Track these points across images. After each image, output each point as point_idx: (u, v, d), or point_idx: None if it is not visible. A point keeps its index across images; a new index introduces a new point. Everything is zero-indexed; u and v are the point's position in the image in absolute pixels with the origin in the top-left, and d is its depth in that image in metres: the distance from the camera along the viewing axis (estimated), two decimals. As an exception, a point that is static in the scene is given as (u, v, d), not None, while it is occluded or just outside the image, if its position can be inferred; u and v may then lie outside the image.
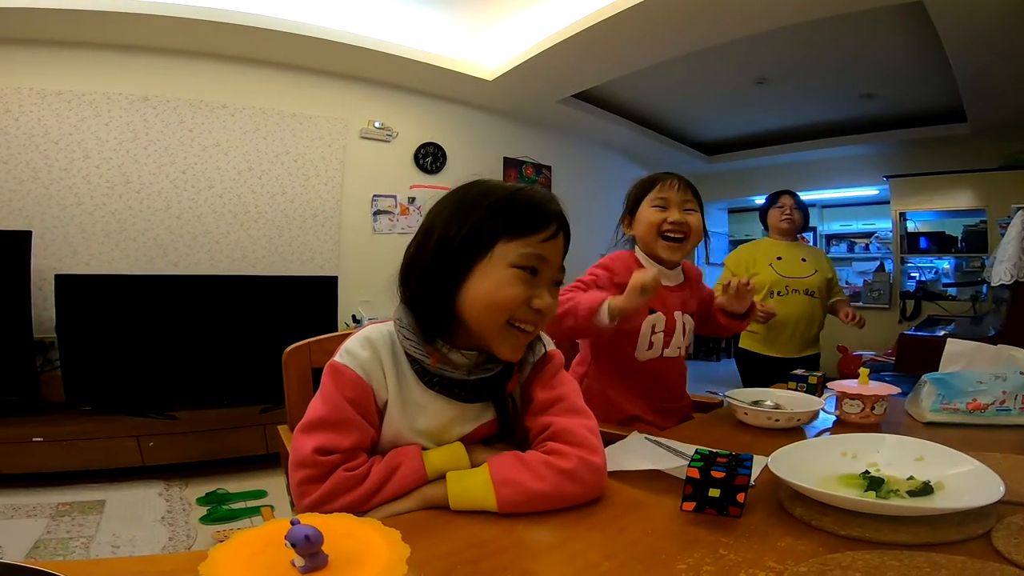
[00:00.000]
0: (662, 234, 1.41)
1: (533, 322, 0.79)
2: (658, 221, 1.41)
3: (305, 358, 1.22)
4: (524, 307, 0.77)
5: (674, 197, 1.43)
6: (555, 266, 0.81)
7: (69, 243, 3.28)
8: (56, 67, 3.26)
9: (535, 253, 0.77)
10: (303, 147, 3.99)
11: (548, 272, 0.80)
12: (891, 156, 5.89)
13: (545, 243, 0.78)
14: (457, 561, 0.60)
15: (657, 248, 1.43)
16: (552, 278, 0.81)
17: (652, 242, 1.43)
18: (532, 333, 0.81)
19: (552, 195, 0.83)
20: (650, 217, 1.43)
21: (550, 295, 0.80)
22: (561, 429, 0.78)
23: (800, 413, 1.17)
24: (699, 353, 7.83)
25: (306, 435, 0.75)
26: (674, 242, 1.42)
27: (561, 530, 0.69)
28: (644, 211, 1.45)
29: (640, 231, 1.46)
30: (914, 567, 0.57)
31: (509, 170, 5.15)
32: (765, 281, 2.66)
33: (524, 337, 0.80)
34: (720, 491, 0.71)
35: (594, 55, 3.77)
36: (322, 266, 4.05)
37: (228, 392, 3.26)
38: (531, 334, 0.81)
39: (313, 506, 0.72)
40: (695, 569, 0.59)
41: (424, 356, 0.79)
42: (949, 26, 3.14)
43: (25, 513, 2.45)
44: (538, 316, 0.79)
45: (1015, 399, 1.20)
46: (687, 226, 1.42)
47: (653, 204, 1.44)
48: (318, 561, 0.41)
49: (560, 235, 0.80)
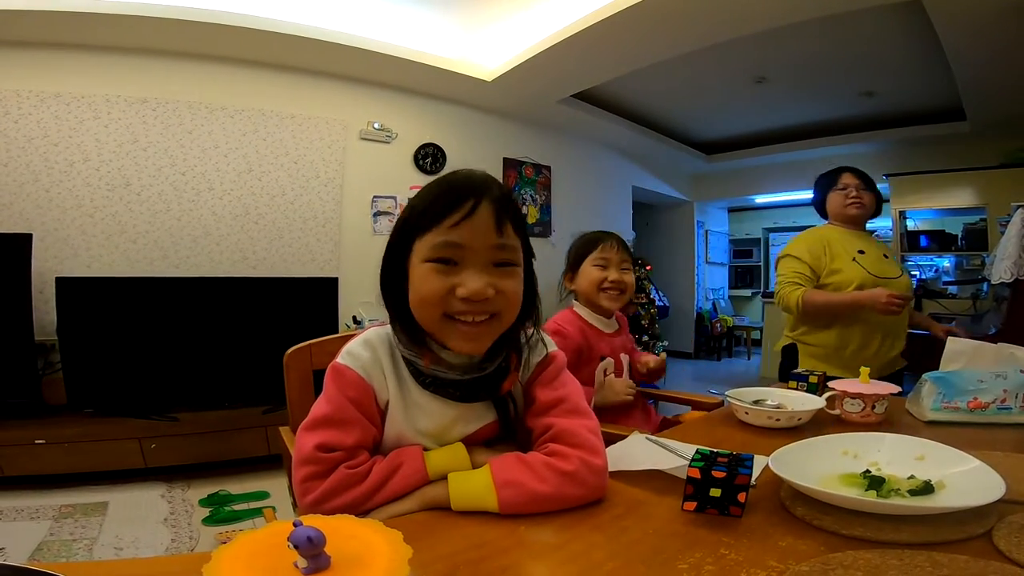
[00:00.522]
0: (602, 289, 1.64)
1: (470, 311, 0.74)
2: (600, 279, 1.64)
3: (306, 359, 1.22)
4: (452, 299, 0.74)
5: (613, 258, 1.66)
6: (481, 246, 0.74)
7: (70, 246, 3.28)
8: (55, 70, 3.26)
9: (444, 241, 0.74)
10: (303, 148, 3.99)
11: (471, 255, 0.74)
12: (891, 154, 5.89)
13: (457, 227, 0.73)
14: (459, 562, 0.60)
15: (599, 299, 1.65)
16: (485, 259, 0.75)
17: (594, 295, 1.66)
18: (481, 322, 0.76)
19: (474, 172, 0.79)
20: (592, 275, 1.65)
21: (480, 279, 0.74)
22: (563, 430, 0.79)
23: (801, 412, 1.17)
24: (700, 353, 7.83)
25: (309, 433, 0.76)
26: (612, 292, 1.65)
27: (563, 531, 0.69)
28: (586, 269, 1.67)
29: (583, 286, 1.68)
30: (915, 566, 0.57)
31: (509, 170, 5.15)
32: (851, 279, 2.02)
33: (471, 328, 0.76)
34: (721, 491, 0.71)
35: (594, 55, 3.77)
36: (322, 267, 4.05)
37: (230, 394, 3.26)
38: (480, 323, 0.76)
39: (315, 503, 0.72)
40: (697, 569, 0.59)
41: (417, 357, 0.80)
42: (948, 24, 3.15)
43: (28, 515, 2.45)
44: (475, 304, 0.74)
45: (1016, 397, 1.20)
46: (624, 283, 1.65)
47: (595, 264, 1.66)
48: (320, 563, 0.41)
49: (481, 209, 0.74)
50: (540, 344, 0.88)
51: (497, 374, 0.82)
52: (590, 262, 1.66)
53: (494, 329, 0.78)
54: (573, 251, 1.73)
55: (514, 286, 0.78)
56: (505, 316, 0.78)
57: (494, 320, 0.77)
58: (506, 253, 0.77)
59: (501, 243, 0.76)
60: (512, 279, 0.77)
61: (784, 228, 8.33)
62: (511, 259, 0.77)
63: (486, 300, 0.75)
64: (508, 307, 0.78)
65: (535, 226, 5.37)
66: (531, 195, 5.35)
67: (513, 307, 0.78)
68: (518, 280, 0.78)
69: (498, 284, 0.75)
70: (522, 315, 0.83)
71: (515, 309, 0.79)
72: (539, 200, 5.42)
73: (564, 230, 5.60)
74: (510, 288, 0.77)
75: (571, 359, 1.50)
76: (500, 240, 0.75)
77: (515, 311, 0.79)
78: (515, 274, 0.78)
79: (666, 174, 7.19)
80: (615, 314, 1.74)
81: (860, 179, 2.18)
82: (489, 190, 0.76)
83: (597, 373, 1.63)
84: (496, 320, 0.78)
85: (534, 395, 0.85)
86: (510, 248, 0.77)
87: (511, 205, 0.78)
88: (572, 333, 1.60)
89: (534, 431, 0.83)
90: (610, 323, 1.71)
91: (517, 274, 0.78)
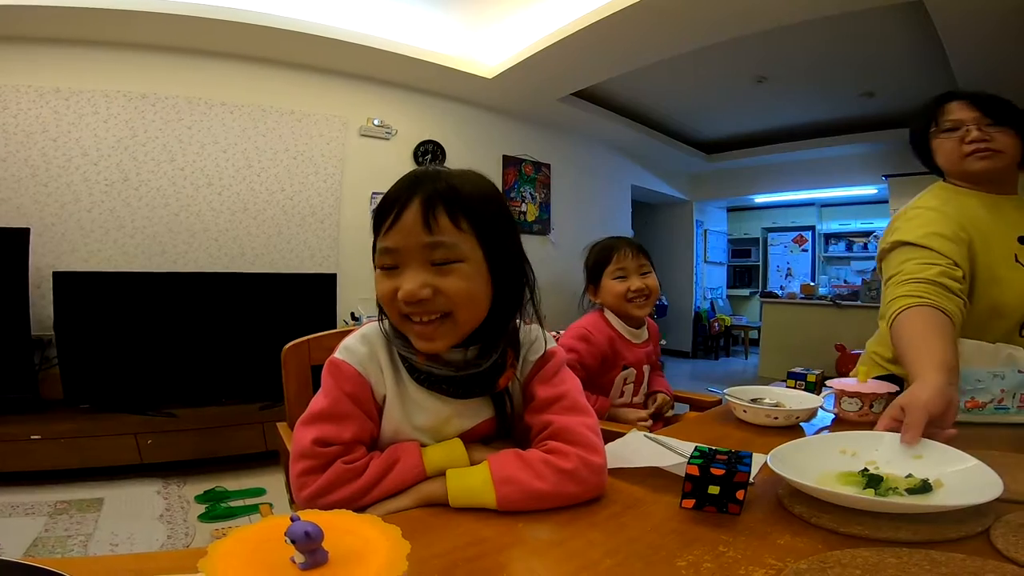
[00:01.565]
0: (628, 300, 1.61)
1: (415, 312, 0.74)
2: (623, 291, 1.61)
3: (304, 355, 1.22)
4: (399, 301, 0.74)
5: (630, 265, 1.62)
6: (412, 247, 0.72)
7: (67, 240, 3.28)
8: (54, 65, 3.25)
9: (382, 248, 0.74)
10: (302, 144, 3.99)
11: (406, 258, 0.73)
12: (890, 155, 5.89)
13: (389, 232, 0.73)
14: (457, 559, 0.60)
15: (629, 310, 1.62)
16: (420, 260, 0.73)
17: (621, 307, 1.63)
18: (430, 322, 0.74)
19: (415, 172, 0.76)
20: (615, 289, 1.62)
21: (415, 280, 0.72)
22: (561, 427, 0.78)
23: (799, 411, 1.17)
24: (698, 352, 7.84)
25: (306, 427, 0.76)
26: (639, 300, 1.62)
27: (561, 528, 0.69)
28: (607, 283, 1.64)
29: (608, 301, 1.65)
30: (913, 564, 0.57)
31: (508, 168, 5.15)
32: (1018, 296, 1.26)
33: (423, 327, 0.75)
34: (720, 488, 0.71)
35: (594, 53, 3.77)
36: (321, 263, 4.05)
37: (227, 390, 3.26)
38: (429, 323, 0.74)
39: (312, 498, 0.72)
40: (695, 566, 0.59)
41: (412, 354, 0.79)
42: (949, 25, 3.15)
43: (23, 511, 2.45)
44: (416, 305, 0.73)
45: (1013, 397, 1.20)
46: (647, 289, 1.62)
47: (614, 276, 1.63)
48: (318, 558, 0.41)
49: (408, 210, 0.72)
50: (539, 340, 0.88)
51: (493, 370, 0.81)
52: (609, 276, 1.63)
53: (448, 328, 0.76)
54: (588, 265, 1.69)
55: (456, 283, 0.73)
56: (459, 314, 0.75)
57: (447, 320, 0.75)
58: (441, 251, 0.73)
59: (432, 241, 0.72)
60: (453, 276, 0.73)
61: (783, 228, 8.34)
62: (449, 256, 0.73)
63: (426, 301, 0.73)
64: (456, 306, 0.74)
65: (534, 224, 5.37)
66: (530, 193, 5.35)
67: (462, 305, 0.74)
68: (462, 276, 0.74)
69: (437, 283, 0.73)
70: (500, 310, 0.80)
71: (468, 306, 0.75)
72: (538, 198, 5.42)
73: (563, 228, 5.61)
74: (451, 286, 0.73)
75: (594, 365, 1.57)
76: (430, 238, 0.72)
77: (469, 309, 0.75)
78: (456, 271, 0.74)
79: (665, 173, 7.20)
80: (646, 322, 1.71)
81: (979, 108, 1.29)
82: (420, 189, 0.73)
83: (617, 381, 1.62)
84: (450, 320, 0.75)
85: (533, 392, 0.84)
86: (446, 245, 0.73)
87: (451, 196, 0.73)
88: (599, 340, 1.58)
89: (533, 428, 0.82)
90: (639, 333, 1.68)
91: (459, 271, 0.74)
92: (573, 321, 1.69)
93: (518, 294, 0.82)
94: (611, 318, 1.65)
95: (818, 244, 8.01)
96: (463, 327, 0.77)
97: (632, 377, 1.64)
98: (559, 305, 5.20)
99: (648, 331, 1.72)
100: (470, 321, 0.77)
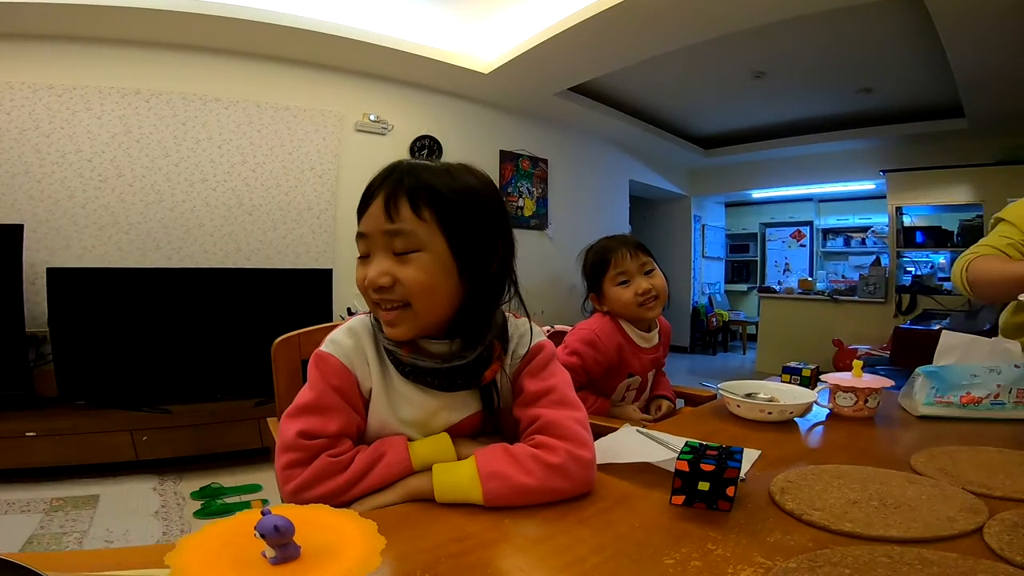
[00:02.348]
0: (639, 305, 1.50)
1: (378, 299, 0.76)
2: (630, 298, 1.49)
3: (294, 350, 1.21)
4: (368, 289, 0.76)
5: (631, 267, 1.50)
6: (376, 234, 0.75)
7: (61, 236, 3.26)
8: (47, 61, 3.23)
9: (357, 233, 0.78)
10: (298, 140, 3.97)
11: (373, 245, 0.76)
12: (888, 151, 5.90)
13: (362, 219, 0.77)
14: (441, 555, 0.59)
15: (639, 314, 1.51)
16: (383, 247, 0.75)
17: (630, 313, 1.52)
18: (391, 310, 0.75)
19: (393, 164, 0.78)
20: (620, 296, 1.50)
21: (376, 267, 0.74)
22: (550, 422, 0.77)
23: (792, 406, 1.16)
24: (695, 347, 7.84)
25: (292, 420, 0.75)
26: (649, 303, 1.50)
27: (548, 524, 0.68)
28: (610, 291, 1.52)
29: (615, 308, 1.53)
30: (905, 564, 0.56)
31: (505, 163, 5.14)
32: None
33: (385, 313, 0.76)
34: (709, 484, 0.70)
35: (591, 48, 3.75)
36: (317, 259, 4.03)
37: (222, 386, 3.25)
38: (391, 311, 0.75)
39: (296, 491, 0.72)
40: (683, 564, 0.58)
41: (396, 346, 0.79)
42: (947, 20, 3.14)
43: (19, 508, 2.44)
44: (378, 293, 0.75)
45: (1009, 393, 1.19)
46: (655, 290, 1.50)
47: (617, 283, 1.51)
48: (289, 552, 0.40)
49: (376, 198, 0.75)
50: (528, 333, 0.87)
51: (479, 363, 0.80)
52: (611, 283, 1.51)
53: (409, 317, 0.76)
54: (586, 271, 1.58)
55: (411, 273, 0.74)
56: (416, 304, 0.75)
57: (407, 309, 0.75)
58: (400, 239, 0.74)
59: (392, 228, 0.74)
60: (409, 266, 0.74)
61: (781, 223, 8.33)
62: (408, 246, 0.74)
63: (385, 288, 0.74)
64: (413, 296, 0.74)
65: (531, 219, 5.36)
66: (527, 188, 5.33)
67: (417, 295, 0.74)
68: (419, 267, 0.74)
69: (395, 272, 0.74)
70: (475, 303, 0.80)
71: (424, 297, 0.75)
72: (535, 193, 5.41)
73: (560, 223, 5.60)
74: (406, 276, 0.74)
75: (598, 372, 1.50)
76: (390, 226, 0.74)
77: (425, 300, 0.75)
78: (413, 260, 0.74)
79: (663, 168, 7.18)
80: (659, 324, 1.61)
81: None
82: (390, 179, 0.75)
83: (620, 388, 1.55)
84: (410, 310, 0.75)
85: (521, 385, 0.83)
86: (404, 233, 0.74)
87: (416, 187, 0.74)
88: (607, 347, 1.49)
89: (521, 422, 0.81)
90: (650, 336, 1.57)
91: (417, 260, 0.74)
92: (569, 315, 1.64)
93: (498, 288, 0.82)
94: (622, 322, 1.55)
95: (816, 239, 8.00)
96: (423, 317, 0.77)
97: (636, 384, 1.57)
98: (556, 300, 5.23)
99: (660, 333, 1.62)
100: (430, 311, 0.77)
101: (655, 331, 1.59)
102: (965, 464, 0.87)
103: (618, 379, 1.53)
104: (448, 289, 0.77)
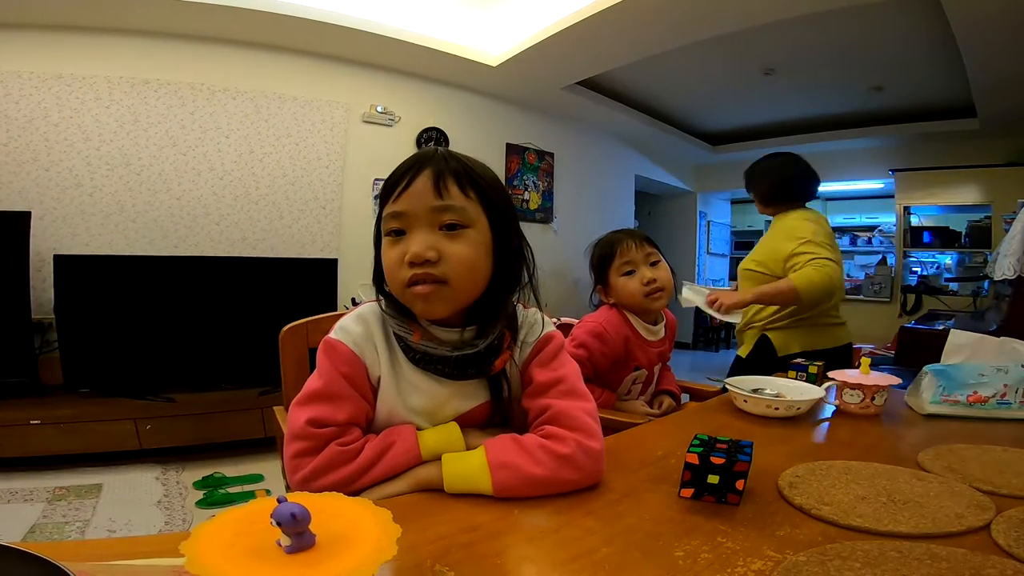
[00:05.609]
0: (646, 295, 1.50)
1: (420, 277, 0.74)
2: (636, 288, 1.50)
3: (302, 338, 1.21)
4: (405, 267, 0.74)
5: (636, 257, 1.51)
6: (422, 210, 0.74)
7: (68, 224, 3.26)
8: (56, 51, 3.23)
9: (391, 212, 0.76)
10: (305, 131, 3.97)
11: (414, 221, 0.75)
12: (898, 150, 5.86)
13: (399, 198, 0.75)
14: (451, 544, 0.59)
15: (645, 305, 1.51)
16: (428, 223, 0.74)
17: (638, 304, 1.52)
18: (430, 285, 0.74)
19: (426, 149, 0.80)
20: (626, 287, 1.51)
21: (422, 241, 0.73)
22: (559, 412, 0.77)
23: (800, 402, 1.16)
24: (699, 343, 7.83)
25: (301, 408, 0.75)
26: (655, 294, 1.51)
27: (557, 515, 0.68)
28: (616, 282, 1.53)
29: (622, 299, 1.54)
30: (914, 558, 0.56)
31: (511, 156, 5.13)
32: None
33: (423, 287, 0.74)
34: (719, 478, 0.70)
35: (599, 43, 3.73)
36: (322, 249, 4.04)
37: (226, 375, 3.26)
38: (429, 286, 0.74)
39: (305, 480, 0.71)
40: (692, 556, 0.58)
41: (407, 333, 0.79)
42: (962, 18, 3.10)
43: (22, 497, 2.44)
44: (420, 268, 0.73)
45: (1016, 392, 1.19)
46: (659, 280, 1.51)
47: (623, 273, 1.52)
48: (305, 540, 0.40)
49: (421, 176, 0.75)
50: (538, 323, 0.87)
51: (489, 352, 0.80)
52: (616, 273, 1.52)
53: (445, 295, 0.75)
54: (593, 263, 1.60)
55: (461, 250, 0.75)
56: (455, 283, 0.75)
57: (444, 287, 0.75)
58: (450, 214, 0.75)
59: (442, 204, 0.74)
60: (459, 242, 0.75)
61: (787, 222, 8.27)
62: (457, 220, 0.75)
63: (430, 263, 0.73)
64: (455, 274, 0.74)
65: (536, 212, 5.35)
66: (533, 181, 5.32)
67: (461, 274, 0.75)
68: (467, 243, 0.75)
69: (442, 247, 0.74)
70: (498, 289, 0.80)
71: (465, 276, 0.75)
72: (541, 187, 5.40)
73: (566, 217, 5.59)
74: (455, 252, 0.74)
75: (604, 364, 1.51)
76: (440, 202, 0.74)
77: (466, 278, 0.76)
78: (463, 236, 0.75)
79: (670, 164, 7.16)
80: (665, 317, 1.61)
81: None
82: (431, 160, 0.76)
83: (626, 381, 1.55)
84: (447, 287, 0.75)
85: (531, 375, 0.83)
86: (455, 209, 0.75)
87: (460, 169, 0.76)
88: (614, 339, 1.49)
89: (530, 412, 0.81)
90: (657, 330, 1.57)
91: (466, 236, 0.76)
92: (573, 308, 1.65)
93: (516, 274, 0.83)
94: (628, 314, 1.55)
95: (822, 238, 7.96)
96: (460, 295, 0.77)
97: (642, 378, 1.57)
98: (560, 293, 5.22)
99: (666, 327, 1.63)
100: (467, 290, 0.77)
101: (661, 324, 1.60)
102: (972, 462, 0.87)
103: (624, 372, 1.54)
104: (484, 270, 0.78)
